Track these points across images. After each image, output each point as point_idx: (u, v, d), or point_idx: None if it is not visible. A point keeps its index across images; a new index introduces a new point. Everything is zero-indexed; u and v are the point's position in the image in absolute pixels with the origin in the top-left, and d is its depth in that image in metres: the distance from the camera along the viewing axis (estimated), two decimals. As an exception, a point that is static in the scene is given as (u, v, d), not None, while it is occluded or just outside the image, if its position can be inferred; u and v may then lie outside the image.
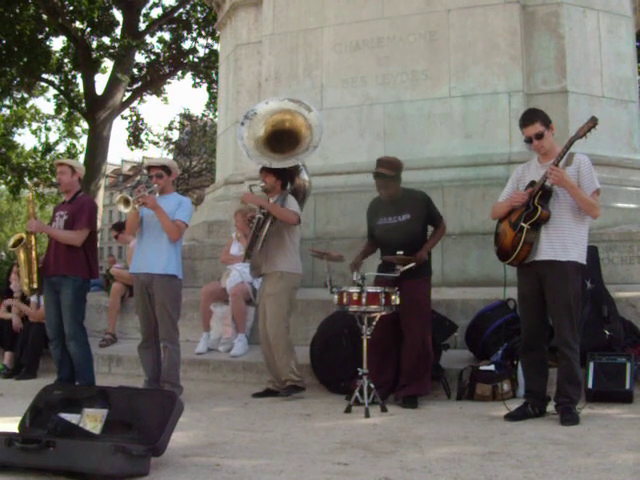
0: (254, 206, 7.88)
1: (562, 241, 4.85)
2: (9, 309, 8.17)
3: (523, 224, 4.87)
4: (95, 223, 6.39)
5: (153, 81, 22.73)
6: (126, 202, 5.75)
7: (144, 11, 21.57)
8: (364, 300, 5.29)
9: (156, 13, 33.70)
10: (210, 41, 21.72)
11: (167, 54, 22.33)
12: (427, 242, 5.77)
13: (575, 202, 4.85)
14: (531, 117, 5.04)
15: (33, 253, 6.21)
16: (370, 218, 6.00)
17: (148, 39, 22.19)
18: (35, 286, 6.28)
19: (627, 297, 6.54)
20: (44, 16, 19.79)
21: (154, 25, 21.68)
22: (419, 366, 5.56)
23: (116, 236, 9.27)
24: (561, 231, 4.86)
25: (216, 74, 17.81)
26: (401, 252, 5.50)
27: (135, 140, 24.31)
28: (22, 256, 6.22)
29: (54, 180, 22.24)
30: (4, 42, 19.83)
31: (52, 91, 23.36)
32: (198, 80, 23.09)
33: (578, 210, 4.89)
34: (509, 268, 5.12)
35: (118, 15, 21.43)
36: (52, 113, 24.34)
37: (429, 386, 5.71)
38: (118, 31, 20.90)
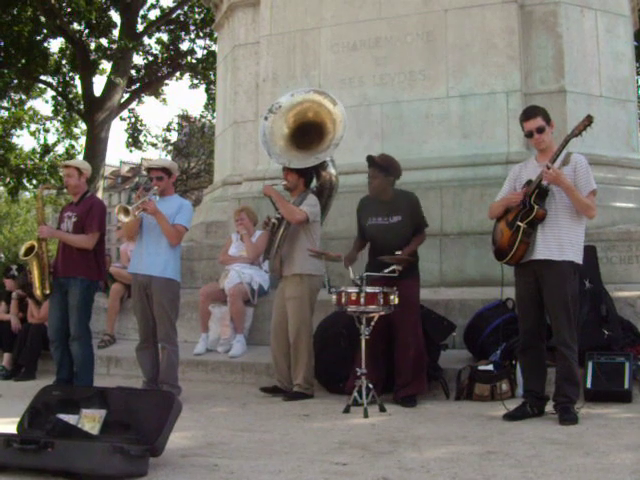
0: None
1: (558, 241, 4.85)
2: (8, 310, 8.15)
3: (519, 223, 4.87)
4: (105, 225, 6.34)
5: (151, 82, 22.73)
6: (125, 211, 5.70)
7: (142, 12, 21.56)
8: (362, 300, 5.28)
9: (154, 14, 33.68)
10: (208, 42, 21.77)
11: (165, 55, 22.33)
12: (408, 245, 5.67)
13: (571, 202, 4.86)
14: (532, 111, 5.09)
15: (45, 259, 6.17)
16: (360, 217, 5.98)
17: (146, 40, 22.22)
18: (48, 292, 6.20)
19: (626, 297, 6.54)
20: (42, 18, 19.77)
21: (152, 26, 21.66)
22: (415, 365, 5.56)
23: None
24: (557, 230, 4.86)
25: (214, 75, 17.80)
26: (399, 252, 5.48)
27: (134, 141, 24.31)
28: (35, 264, 6.15)
29: (52, 181, 22.26)
30: (2, 44, 19.79)
31: (50, 92, 23.34)
32: (196, 81, 23.10)
33: (575, 210, 4.89)
34: (507, 268, 5.13)
35: (116, 17, 21.46)
36: (50, 114, 24.27)
37: (425, 384, 5.70)
38: (116, 32, 20.90)
